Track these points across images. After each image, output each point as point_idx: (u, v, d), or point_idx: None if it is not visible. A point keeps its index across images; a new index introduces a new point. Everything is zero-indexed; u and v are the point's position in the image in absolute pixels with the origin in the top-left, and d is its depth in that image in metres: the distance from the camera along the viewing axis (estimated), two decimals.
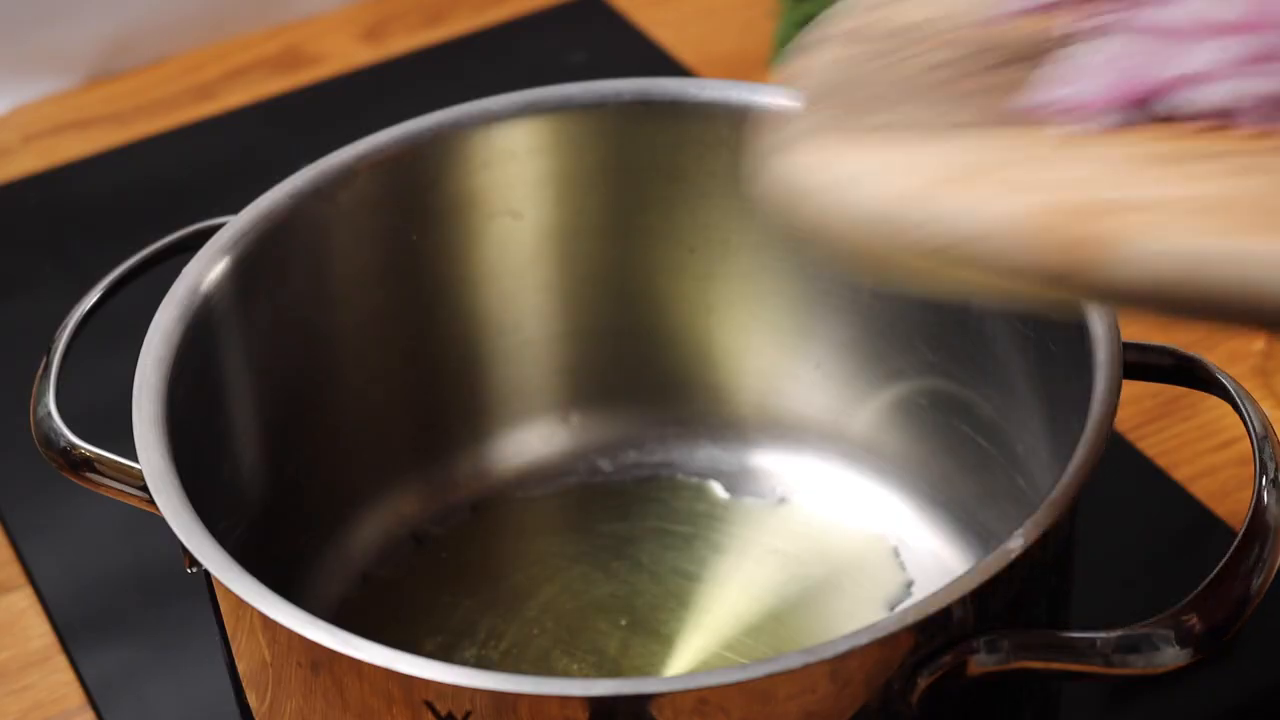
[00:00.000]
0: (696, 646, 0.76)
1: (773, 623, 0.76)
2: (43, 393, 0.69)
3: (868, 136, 0.56)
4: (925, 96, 0.58)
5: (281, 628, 0.60)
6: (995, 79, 0.58)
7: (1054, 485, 0.62)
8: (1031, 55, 0.58)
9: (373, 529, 0.81)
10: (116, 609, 0.82)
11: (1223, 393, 0.66)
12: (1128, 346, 0.67)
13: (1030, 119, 0.56)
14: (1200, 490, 0.82)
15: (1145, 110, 0.55)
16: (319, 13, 1.18)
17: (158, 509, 0.64)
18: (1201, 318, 0.50)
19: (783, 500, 0.81)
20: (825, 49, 0.61)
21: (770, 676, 0.57)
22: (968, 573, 0.59)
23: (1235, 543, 0.60)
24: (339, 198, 0.77)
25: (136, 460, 0.66)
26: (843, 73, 0.60)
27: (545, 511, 0.82)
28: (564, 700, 0.57)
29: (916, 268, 0.53)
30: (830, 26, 0.62)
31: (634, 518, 0.81)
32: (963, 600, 0.59)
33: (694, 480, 0.82)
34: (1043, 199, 0.52)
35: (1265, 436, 0.64)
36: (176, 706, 0.78)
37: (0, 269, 1.02)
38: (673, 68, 1.09)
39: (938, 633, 0.59)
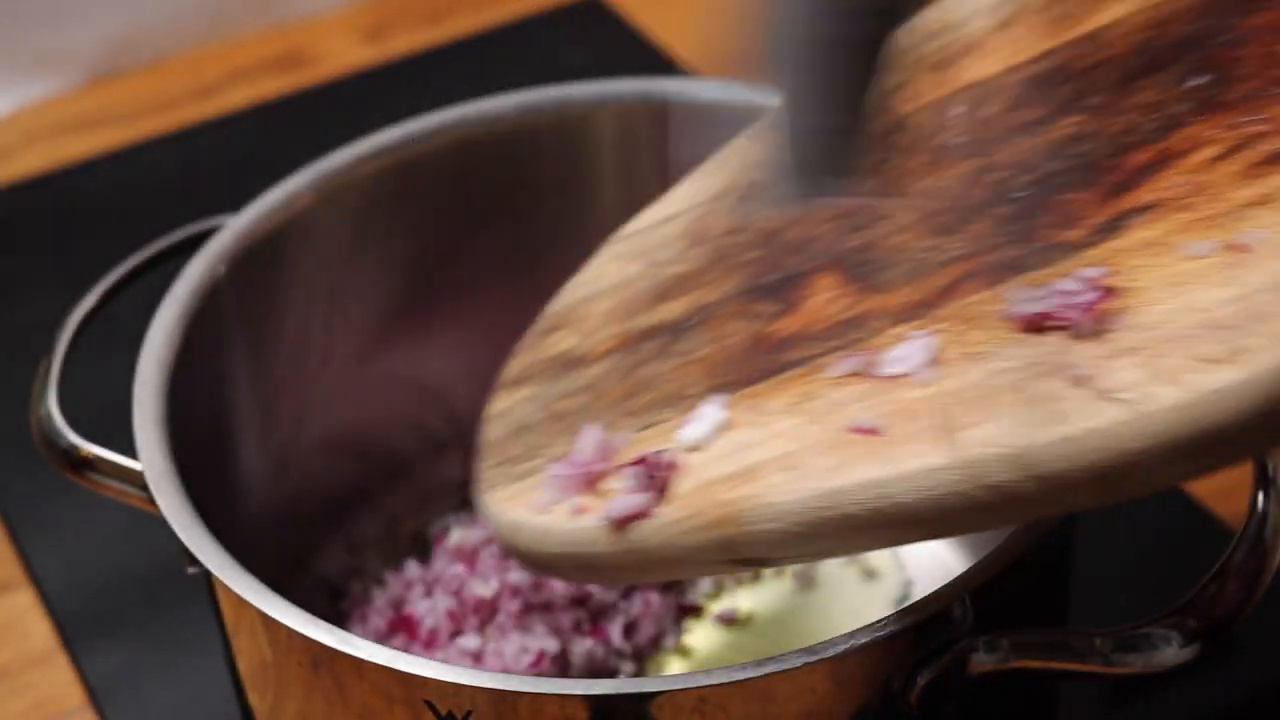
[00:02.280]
0: (697, 646, 0.76)
1: (773, 623, 0.77)
2: (44, 393, 0.70)
3: (523, 483, 0.64)
4: (584, 416, 0.65)
5: (282, 627, 0.60)
6: (645, 373, 0.66)
7: None
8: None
9: (374, 528, 0.81)
10: (117, 609, 0.82)
11: None
12: None
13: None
14: (1200, 490, 0.82)
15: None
16: (319, 13, 1.18)
17: (158, 509, 0.64)
18: (860, 543, 0.56)
19: None
20: (504, 394, 0.70)
21: (770, 676, 0.57)
22: (967, 573, 0.59)
23: (1234, 542, 0.60)
24: (339, 198, 0.77)
25: (137, 460, 0.66)
26: (510, 419, 0.69)
27: None
28: (564, 700, 0.57)
29: (623, 574, 0.61)
30: (510, 368, 0.71)
31: None
32: (962, 600, 0.59)
33: None
34: (684, 486, 0.59)
35: None
36: (177, 706, 0.78)
37: (1, 269, 1.02)
38: (673, 68, 1.09)
39: (937, 632, 0.59)
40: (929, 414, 0.55)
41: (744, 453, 0.59)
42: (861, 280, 0.61)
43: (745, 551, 0.57)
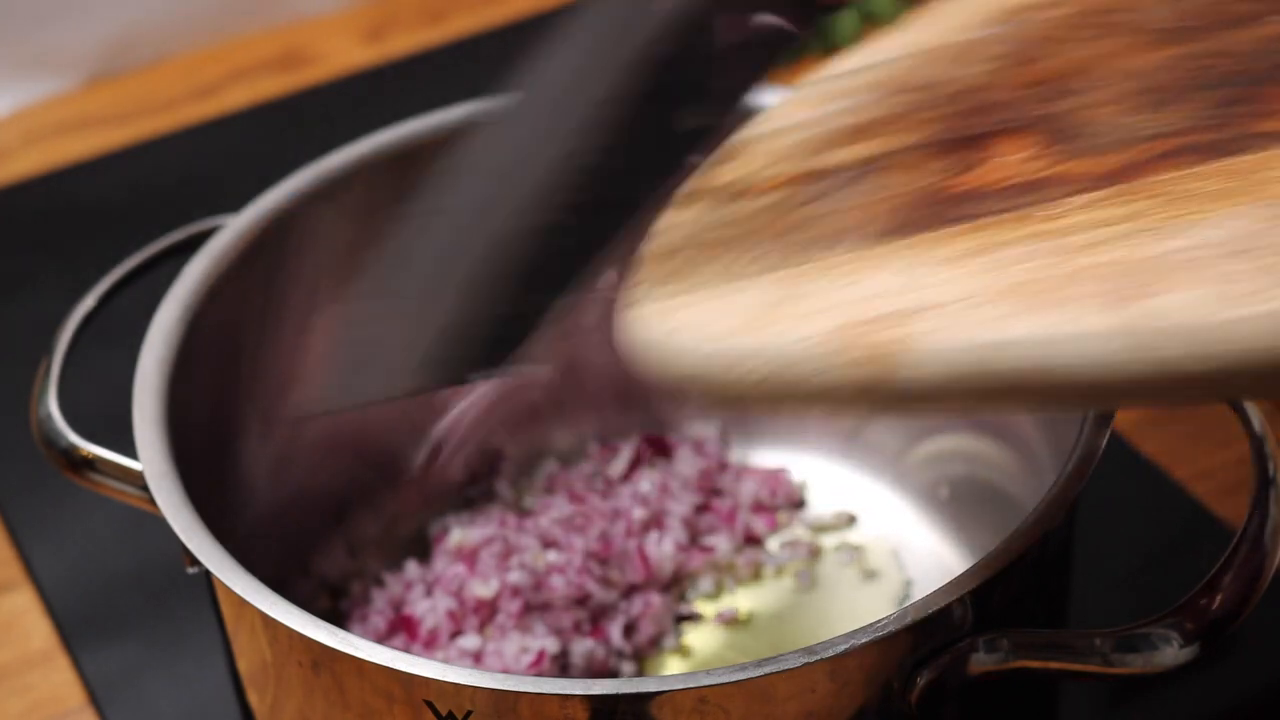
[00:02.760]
0: (697, 646, 0.76)
1: (773, 623, 0.77)
2: (44, 393, 0.70)
3: (663, 304, 0.62)
4: (742, 244, 0.63)
5: (282, 627, 0.60)
6: (809, 211, 0.63)
7: (1053, 485, 0.62)
8: (839, 185, 0.64)
9: (374, 528, 0.81)
10: (117, 609, 0.82)
11: None
12: None
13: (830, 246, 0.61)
14: (1199, 490, 0.82)
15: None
16: (319, 13, 1.18)
17: (158, 509, 0.64)
18: (1007, 404, 0.54)
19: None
20: (669, 214, 0.68)
21: (770, 676, 0.57)
22: (967, 572, 0.59)
23: (1234, 542, 0.60)
24: (339, 198, 0.77)
25: (137, 460, 0.66)
26: (664, 241, 0.66)
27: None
28: (564, 700, 0.57)
29: (751, 402, 0.58)
30: (681, 189, 0.69)
31: None
32: (962, 600, 0.59)
33: None
34: (833, 322, 0.57)
35: (1264, 437, 0.64)
36: (177, 706, 0.78)
37: (1, 269, 1.02)
38: None
39: (937, 632, 0.59)
40: (1106, 279, 0.53)
41: (901, 297, 0.57)
42: (1060, 144, 0.60)
43: (889, 393, 0.55)
